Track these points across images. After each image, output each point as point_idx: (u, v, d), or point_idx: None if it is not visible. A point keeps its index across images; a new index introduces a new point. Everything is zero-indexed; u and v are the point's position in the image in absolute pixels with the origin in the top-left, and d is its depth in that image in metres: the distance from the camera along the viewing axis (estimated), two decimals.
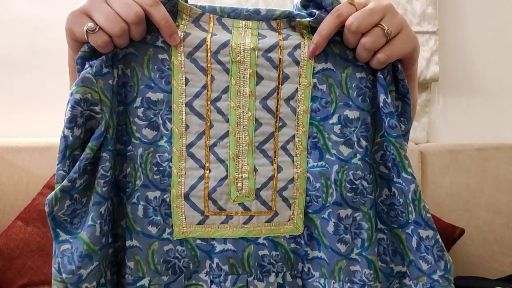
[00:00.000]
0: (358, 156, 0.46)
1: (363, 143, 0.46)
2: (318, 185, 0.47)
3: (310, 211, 0.47)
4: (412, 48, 0.47)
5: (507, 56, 1.50)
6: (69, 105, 0.43)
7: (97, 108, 0.44)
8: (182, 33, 0.45)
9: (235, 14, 0.46)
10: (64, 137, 0.44)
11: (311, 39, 0.46)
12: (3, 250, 1.22)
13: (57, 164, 0.44)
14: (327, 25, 0.45)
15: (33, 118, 1.49)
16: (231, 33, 0.45)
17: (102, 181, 0.44)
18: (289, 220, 0.47)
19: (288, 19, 0.47)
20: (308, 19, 0.46)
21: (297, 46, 0.46)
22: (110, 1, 0.43)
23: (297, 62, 0.46)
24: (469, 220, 1.32)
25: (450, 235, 1.26)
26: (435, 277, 0.45)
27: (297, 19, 0.47)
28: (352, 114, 0.46)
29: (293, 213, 0.47)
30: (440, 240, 0.45)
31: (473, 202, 1.34)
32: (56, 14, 1.49)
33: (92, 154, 0.44)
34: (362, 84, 0.47)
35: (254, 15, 0.46)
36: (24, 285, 1.19)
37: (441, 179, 1.36)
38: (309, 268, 0.47)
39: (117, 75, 0.46)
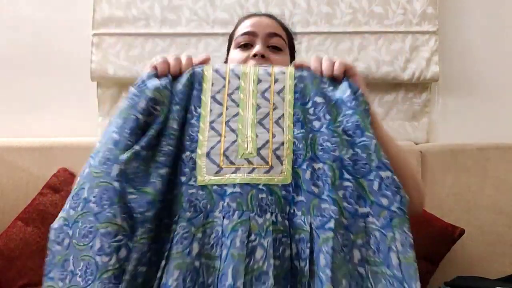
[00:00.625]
0: (324, 126, 0.66)
1: (327, 116, 0.66)
2: (300, 145, 0.66)
3: (296, 166, 0.65)
4: (350, 66, 0.73)
5: (507, 56, 1.50)
6: (144, 100, 0.64)
7: (158, 107, 0.66)
8: (209, 79, 0.71)
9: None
10: (137, 119, 0.63)
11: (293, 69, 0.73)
12: (3, 250, 1.22)
13: (128, 136, 0.62)
14: (303, 60, 0.76)
15: (33, 118, 1.49)
16: (239, 79, 0.70)
17: (161, 153, 0.64)
18: (281, 173, 0.64)
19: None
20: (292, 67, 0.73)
21: (283, 72, 0.72)
22: (168, 56, 0.74)
23: (283, 72, 0.72)
24: (469, 220, 1.32)
25: (450, 235, 1.26)
26: (393, 208, 0.59)
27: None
28: (319, 99, 0.68)
29: (284, 168, 0.64)
30: (397, 179, 0.61)
31: (474, 202, 1.34)
32: (56, 14, 1.49)
33: (154, 133, 0.64)
34: (325, 86, 0.70)
35: (254, 66, 0.73)
36: (24, 285, 1.19)
37: (442, 179, 1.36)
38: (294, 210, 0.63)
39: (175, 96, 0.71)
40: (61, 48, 1.49)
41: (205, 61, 0.75)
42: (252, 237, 0.59)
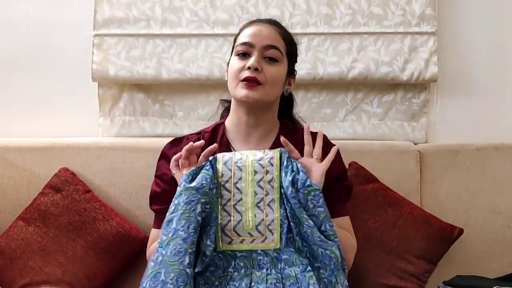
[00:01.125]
0: (289, 208, 0.91)
1: (290, 202, 0.91)
2: (285, 221, 0.92)
3: (282, 234, 0.91)
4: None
5: (506, 56, 1.50)
6: (200, 205, 0.87)
7: (208, 206, 0.90)
8: (220, 171, 0.95)
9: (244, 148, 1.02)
10: (197, 220, 0.86)
11: (280, 160, 0.95)
12: (4, 250, 1.22)
13: (193, 234, 0.85)
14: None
15: (35, 118, 1.49)
16: (241, 171, 0.94)
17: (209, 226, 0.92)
18: (272, 241, 0.92)
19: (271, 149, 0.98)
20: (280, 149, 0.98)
21: (272, 159, 0.96)
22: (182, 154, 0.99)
23: (271, 164, 0.95)
24: (468, 220, 1.33)
25: (449, 234, 1.26)
26: (332, 266, 0.88)
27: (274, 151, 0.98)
28: (283, 191, 0.93)
29: (274, 237, 0.92)
30: (329, 252, 0.88)
31: (473, 202, 1.35)
32: (57, 15, 1.50)
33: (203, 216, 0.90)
34: (286, 177, 0.93)
35: (251, 151, 0.98)
36: (26, 285, 1.20)
37: (440, 179, 1.36)
38: (283, 265, 0.91)
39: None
40: (62, 48, 1.49)
41: (213, 149, 0.95)
42: (253, 284, 0.89)
